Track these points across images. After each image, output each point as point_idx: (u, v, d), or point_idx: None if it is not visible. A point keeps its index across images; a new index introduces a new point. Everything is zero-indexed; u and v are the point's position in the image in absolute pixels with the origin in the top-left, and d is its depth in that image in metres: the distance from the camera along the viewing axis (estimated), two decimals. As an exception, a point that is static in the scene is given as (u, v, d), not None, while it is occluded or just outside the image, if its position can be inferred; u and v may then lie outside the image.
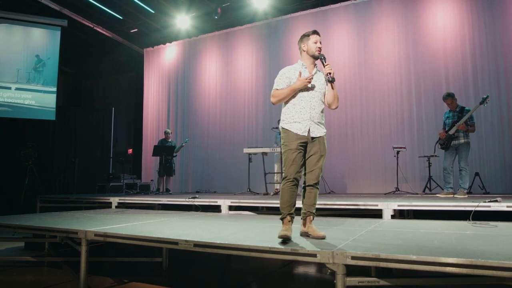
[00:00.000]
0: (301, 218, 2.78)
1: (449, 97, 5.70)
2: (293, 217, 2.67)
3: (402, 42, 8.30)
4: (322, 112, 2.82)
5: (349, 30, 8.92)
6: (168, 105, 11.51)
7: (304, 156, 2.73)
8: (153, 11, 10.28)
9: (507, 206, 3.69)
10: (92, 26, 10.61)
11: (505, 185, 7.02)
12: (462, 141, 5.50)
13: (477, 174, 6.82)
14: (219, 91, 10.63)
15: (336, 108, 2.90)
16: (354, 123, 8.59)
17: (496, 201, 3.77)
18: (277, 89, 2.80)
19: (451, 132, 5.53)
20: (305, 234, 2.74)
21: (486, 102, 5.50)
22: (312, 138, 2.72)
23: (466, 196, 5.24)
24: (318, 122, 2.77)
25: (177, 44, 11.61)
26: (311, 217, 2.73)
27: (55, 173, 10.67)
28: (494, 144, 7.23)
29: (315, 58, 2.84)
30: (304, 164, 2.74)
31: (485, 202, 3.77)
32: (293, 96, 2.76)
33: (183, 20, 10.42)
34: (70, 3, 9.77)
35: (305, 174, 2.76)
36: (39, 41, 9.98)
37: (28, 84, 9.71)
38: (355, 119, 8.59)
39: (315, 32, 2.86)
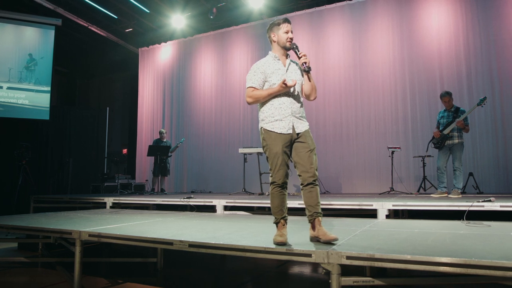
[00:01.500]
0: (309, 221, 2.54)
1: (447, 95, 5.73)
2: (287, 220, 2.57)
3: (397, 43, 8.34)
4: (302, 105, 2.66)
5: (344, 30, 8.94)
6: (163, 105, 11.48)
7: (289, 157, 2.58)
8: (148, 11, 10.25)
9: (501, 206, 3.72)
10: (86, 25, 10.55)
11: (499, 185, 7.08)
12: (456, 141, 5.53)
13: (471, 174, 6.86)
14: (214, 91, 10.62)
15: (315, 99, 2.72)
16: (349, 123, 8.62)
17: (490, 201, 3.80)
18: (254, 88, 2.61)
19: (446, 131, 5.56)
20: (315, 239, 2.49)
21: (484, 104, 5.54)
22: (297, 134, 2.56)
23: (460, 196, 5.28)
24: (300, 117, 2.62)
25: (172, 44, 11.58)
26: (319, 218, 2.49)
27: (49, 173, 10.60)
28: (488, 144, 7.29)
29: (286, 49, 2.67)
30: (295, 166, 2.58)
31: (479, 202, 3.79)
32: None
33: (178, 20, 10.40)
34: (65, 2, 9.71)
35: (300, 175, 2.55)
36: (32, 40, 9.91)
37: (19, 83, 9.64)
38: (350, 119, 8.61)
39: (286, 21, 2.66)
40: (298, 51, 2.64)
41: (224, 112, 10.36)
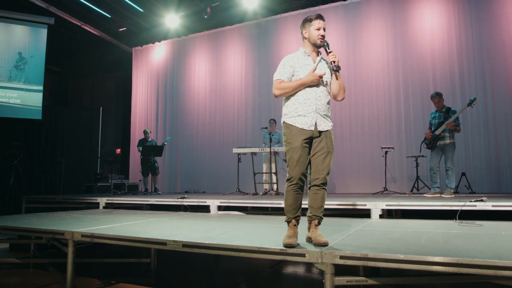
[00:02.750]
0: (308, 221, 2.52)
1: (437, 96, 5.78)
2: (299, 220, 2.49)
3: (391, 43, 8.38)
4: (328, 103, 2.58)
5: (339, 30, 8.97)
6: (157, 105, 11.44)
7: (309, 154, 2.50)
8: (142, 10, 10.21)
9: (493, 206, 3.75)
10: (79, 24, 10.48)
11: (491, 185, 7.14)
12: (448, 141, 5.57)
13: (463, 174, 6.92)
14: (208, 91, 10.60)
15: (342, 99, 2.63)
16: (343, 123, 8.64)
17: (482, 200, 3.83)
18: (282, 80, 2.55)
19: (437, 132, 5.60)
20: (309, 240, 2.48)
21: (474, 104, 5.59)
22: (319, 132, 2.48)
23: (453, 195, 5.31)
24: (325, 115, 2.53)
25: (166, 44, 11.54)
26: (316, 221, 2.46)
27: (41, 173, 10.50)
28: (480, 145, 7.35)
29: (316, 46, 2.61)
30: (309, 163, 2.51)
31: (471, 201, 3.83)
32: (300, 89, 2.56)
33: (172, 19, 10.36)
34: (57, 1, 9.63)
35: (310, 174, 2.50)
36: (21, 38, 9.76)
37: (9, 82, 9.52)
38: (344, 119, 8.64)
39: (318, 17, 2.60)
40: (328, 49, 2.57)
41: (218, 112, 10.34)
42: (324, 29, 2.59)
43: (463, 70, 7.66)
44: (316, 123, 2.49)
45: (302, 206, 2.53)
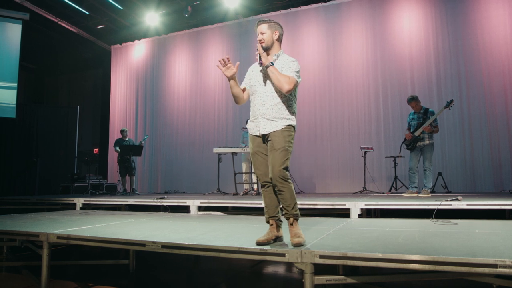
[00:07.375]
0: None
1: (413, 100, 5.89)
2: (276, 220, 2.53)
3: (370, 45, 8.51)
4: (276, 105, 2.51)
5: (319, 32, 9.05)
6: (136, 104, 11.27)
7: (266, 156, 2.55)
8: (121, 7, 10.03)
9: (467, 205, 3.86)
10: (56, 20, 10.22)
11: (466, 185, 7.35)
12: (427, 142, 5.70)
13: (440, 174, 7.08)
14: (188, 90, 10.52)
15: (289, 90, 2.44)
16: (323, 123, 8.73)
17: (457, 199, 3.93)
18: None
19: (417, 133, 5.71)
20: None
21: (451, 106, 5.73)
22: (265, 135, 2.52)
23: (430, 195, 5.44)
24: (272, 118, 2.49)
25: (146, 42, 11.39)
26: (291, 219, 2.46)
27: (15, 174, 10.19)
28: (456, 145, 7.55)
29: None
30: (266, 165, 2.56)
31: (447, 201, 3.92)
32: (252, 95, 2.64)
33: (152, 17, 10.22)
34: (32, -4, 9.37)
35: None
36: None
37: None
38: (324, 120, 8.72)
39: (257, 25, 2.65)
40: (257, 50, 2.57)
41: (198, 112, 10.27)
42: (262, 33, 2.60)
43: (440, 72, 7.85)
44: (261, 128, 2.54)
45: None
